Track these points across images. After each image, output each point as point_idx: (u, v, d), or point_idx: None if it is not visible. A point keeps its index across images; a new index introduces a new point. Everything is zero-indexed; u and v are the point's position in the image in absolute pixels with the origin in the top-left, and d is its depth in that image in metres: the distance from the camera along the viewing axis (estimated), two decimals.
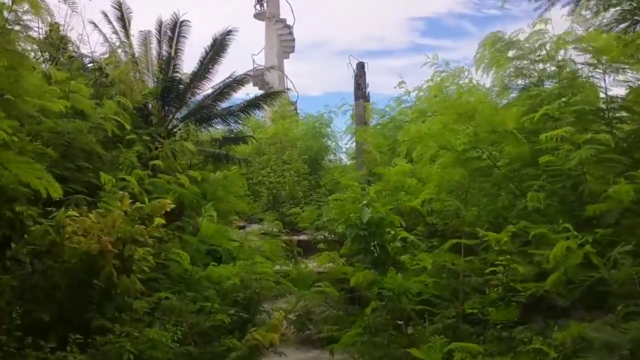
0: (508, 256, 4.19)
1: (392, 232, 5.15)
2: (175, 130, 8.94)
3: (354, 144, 13.20)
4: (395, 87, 11.29)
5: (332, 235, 8.03)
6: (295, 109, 19.35)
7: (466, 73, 11.85)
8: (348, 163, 16.14)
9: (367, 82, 11.86)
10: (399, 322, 4.36)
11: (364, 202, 4.71)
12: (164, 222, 4.79)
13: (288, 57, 22.89)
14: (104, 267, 4.20)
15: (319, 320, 6.61)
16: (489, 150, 5.53)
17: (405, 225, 5.51)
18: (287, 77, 22.23)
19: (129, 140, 7.67)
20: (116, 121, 6.83)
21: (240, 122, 9.94)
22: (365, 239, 4.57)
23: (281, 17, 21.95)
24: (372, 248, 4.54)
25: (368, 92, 12.49)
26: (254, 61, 21.86)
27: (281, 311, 4.63)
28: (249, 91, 21.64)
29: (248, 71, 9.59)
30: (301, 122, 16.18)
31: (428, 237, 5.73)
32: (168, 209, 4.61)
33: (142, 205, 4.55)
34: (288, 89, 16.06)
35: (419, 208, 6.56)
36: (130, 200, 4.68)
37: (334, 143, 15.68)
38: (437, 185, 5.95)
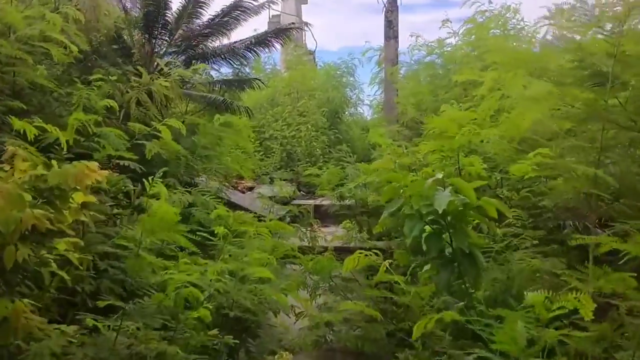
0: None
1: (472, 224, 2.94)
2: (160, 68, 6.79)
3: (381, 94, 10.96)
4: (440, 28, 8.93)
5: (360, 205, 5.95)
6: (314, 58, 17.07)
7: (512, 13, 9.58)
8: (370, 117, 13.97)
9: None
10: None
11: (438, 175, 2.56)
12: (90, 199, 2.72)
13: (306, 3, 20.35)
14: None
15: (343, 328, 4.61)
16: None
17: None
18: (305, 23, 19.76)
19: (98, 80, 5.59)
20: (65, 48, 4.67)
21: (246, 64, 7.70)
22: (437, 241, 2.44)
23: None
24: (449, 256, 2.42)
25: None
26: (270, 7, 19.42)
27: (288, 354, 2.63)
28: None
29: None
30: (321, 70, 13.89)
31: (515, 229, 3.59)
32: (93, 180, 2.52)
33: (44, 172, 2.46)
34: (305, 22, 13.28)
35: (484, 175, 4.43)
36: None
37: (356, 95, 13.39)
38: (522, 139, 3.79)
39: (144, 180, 4.95)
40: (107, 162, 4.58)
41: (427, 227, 2.50)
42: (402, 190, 2.64)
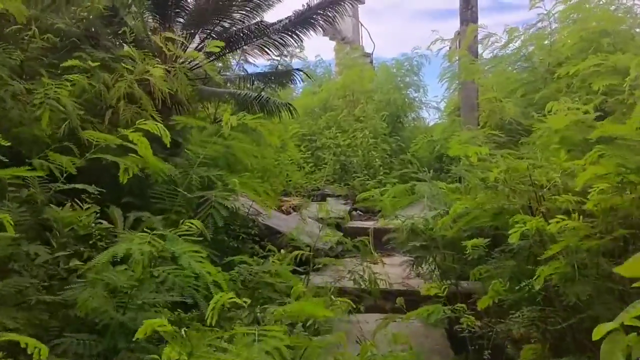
0: None
1: None
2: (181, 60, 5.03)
3: (452, 92, 8.84)
4: (529, 9, 6.75)
5: (442, 244, 3.94)
6: (371, 62, 15.11)
7: None
8: (434, 121, 11.84)
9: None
10: None
11: None
12: None
13: (364, 2, 18.41)
14: None
15: None
16: None
17: None
18: (362, 25, 17.84)
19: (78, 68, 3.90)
20: None
21: (286, 50, 5.84)
22: None
23: None
24: None
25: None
26: None
27: None
28: (316, 40, 17.53)
29: None
30: (380, 68, 11.91)
31: None
32: None
33: None
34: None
35: None
36: None
37: (418, 97, 11.16)
38: None
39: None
40: (47, 190, 2.83)
41: None
42: None
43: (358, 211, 8.01)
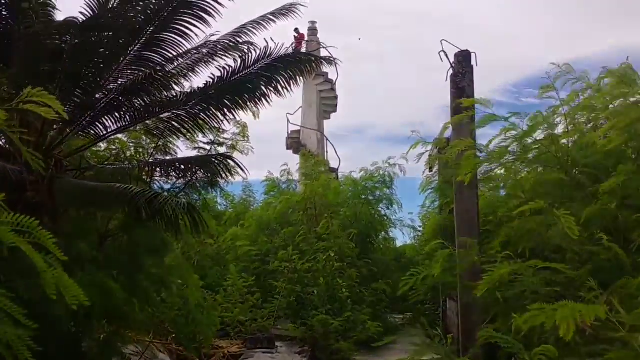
0: None
1: None
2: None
3: (437, 206, 6.93)
4: (537, 97, 5.02)
5: None
6: (337, 177, 13.47)
7: None
8: (409, 240, 9.98)
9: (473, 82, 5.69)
10: None
11: None
12: None
13: (329, 118, 17.31)
14: None
15: None
16: None
17: None
18: (327, 139, 16.51)
19: None
20: None
21: (215, 134, 3.88)
22: None
23: (322, 70, 16.44)
24: None
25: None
26: (289, 121, 16.43)
27: None
28: (282, 153, 15.85)
29: None
30: (347, 179, 10.12)
31: None
32: None
33: None
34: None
35: None
36: None
37: (390, 212, 9.26)
38: None
39: None
40: None
41: None
42: None
43: None
